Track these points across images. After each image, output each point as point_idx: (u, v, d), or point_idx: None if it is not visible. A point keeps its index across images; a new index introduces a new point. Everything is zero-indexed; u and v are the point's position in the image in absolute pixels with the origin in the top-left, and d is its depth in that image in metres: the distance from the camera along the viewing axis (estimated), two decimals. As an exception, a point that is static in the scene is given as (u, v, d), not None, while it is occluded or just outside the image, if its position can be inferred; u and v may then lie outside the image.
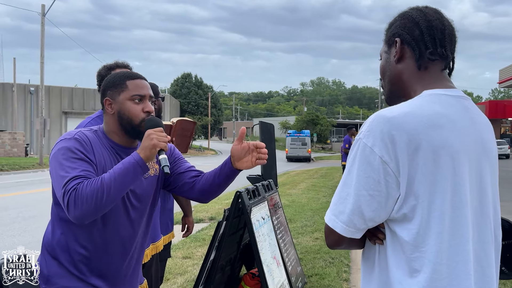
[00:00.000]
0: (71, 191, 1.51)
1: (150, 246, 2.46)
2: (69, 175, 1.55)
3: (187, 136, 2.41)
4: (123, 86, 1.73)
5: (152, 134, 1.63)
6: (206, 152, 42.91)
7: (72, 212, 1.52)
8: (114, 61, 2.48)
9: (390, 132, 1.06)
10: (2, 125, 30.75)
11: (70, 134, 1.68)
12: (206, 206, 9.61)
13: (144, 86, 1.75)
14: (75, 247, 1.67)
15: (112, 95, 1.74)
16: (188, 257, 5.50)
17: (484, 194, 1.16)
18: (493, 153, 1.20)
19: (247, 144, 1.74)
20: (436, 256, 1.06)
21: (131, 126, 1.71)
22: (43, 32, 21.42)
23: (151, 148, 1.60)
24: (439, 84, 1.18)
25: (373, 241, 1.17)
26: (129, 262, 1.79)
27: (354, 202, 1.09)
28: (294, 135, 34.10)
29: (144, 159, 1.60)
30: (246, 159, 1.75)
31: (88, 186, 1.52)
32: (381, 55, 1.30)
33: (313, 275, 4.75)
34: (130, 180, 1.58)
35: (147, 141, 1.62)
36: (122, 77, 1.74)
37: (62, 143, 1.65)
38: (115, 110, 1.73)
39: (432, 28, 1.19)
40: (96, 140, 1.70)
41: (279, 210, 4.48)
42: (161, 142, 1.62)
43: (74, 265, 1.67)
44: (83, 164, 1.60)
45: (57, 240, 1.69)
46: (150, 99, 1.76)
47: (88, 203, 1.50)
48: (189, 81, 51.65)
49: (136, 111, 1.71)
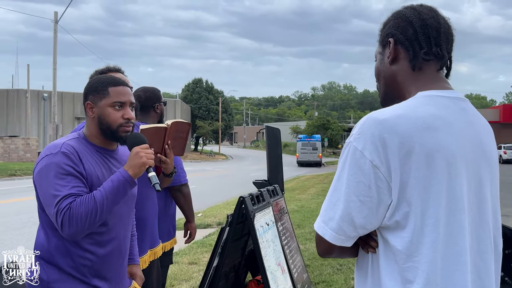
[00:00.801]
0: (65, 210, 1.55)
1: (148, 252, 2.43)
2: (60, 194, 1.58)
3: (182, 138, 2.38)
4: (105, 92, 1.76)
5: (140, 152, 1.70)
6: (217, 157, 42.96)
7: (66, 231, 1.57)
8: (106, 66, 2.46)
9: (381, 135, 1.01)
10: (16, 130, 31.19)
11: (56, 147, 1.67)
12: (214, 211, 9.59)
13: (126, 93, 1.79)
14: (78, 251, 1.68)
15: (94, 100, 1.77)
16: (194, 262, 5.47)
17: (483, 200, 1.10)
18: (492, 157, 1.14)
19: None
20: (429, 266, 1.00)
21: (110, 131, 1.76)
22: (55, 39, 21.72)
23: (140, 166, 1.69)
24: (434, 85, 1.13)
25: (365, 250, 1.11)
26: (123, 261, 1.84)
27: (344, 208, 1.04)
28: (305, 139, 33.98)
29: (132, 176, 1.67)
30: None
31: (82, 205, 1.57)
32: (376, 56, 1.25)
33: (320, 282, 4.67)
34: (120, 197, 1.65)
35: (136, 159, 1.69)
36: (105, 83, 1.78)
37: (48, 158, 1.64)
38: (95, 114, 1.77)
39: (427, 27, 1.13)
40: (81, 148, 1.72)
41: (284, 216, 4.42)
42: (150, 160, 1.71)
43: (76, 269, 1.68)
44: (72, 180, 1.62)
45: (54, 246, 1.68)
46: (131, 105, 1.81)
47: (83, 222, 1.56)
48: (200, 86, 51.88)
49: (115, 117, 1.75)
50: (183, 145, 2.41)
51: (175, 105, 40.37)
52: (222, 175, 22.10)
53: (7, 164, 21.79)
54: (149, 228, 2.44)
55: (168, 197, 2.87)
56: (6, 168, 19.52)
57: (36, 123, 32.17)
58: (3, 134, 29.24)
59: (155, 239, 2.51)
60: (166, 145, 2.28)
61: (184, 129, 2.36)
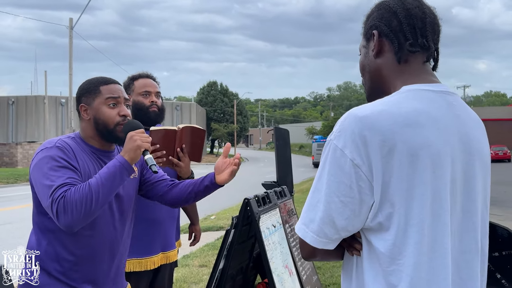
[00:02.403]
0: (59, 199, 1.51)
1: (160, 254, 2.40)
2: (55, 184, 1.54)
3: (199, 143, 2.38)
4: (97, 91, 1.74)
5: (135, 135, 1.65)
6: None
7: (62, 220, 1.52)
8: (138, 72, 2.53)
9: (361, 133, 0.96)
10: (35, 136, 31.76)
11: (50, 142, 1.68)
12: (228, 213, 9.57)
13: (118, 90, 1.76)
14: (64, 255, 1.65)
15: (87, 101, 1.75)
16: (205, 265, 5.45)
17: (471, 200, 1.04)
18: (483, 153, 1.07)
19: (228, 159, 1.87)
20: (414, 270, 0.95)
21: (107, 130, 1.72)
22: (71, 45, 22.06)
23: (135, 149, 1.63)
24: (420, 79, 1.07)
25: (350, 252, 1.06)
26: (115, 265, 1.79)
27: (324, 209, 0.99)
28: (321, 140, 33.75)
29: (129, 161, 1.62)
30: (225, 171, 1.85)
31: (76, 192, 1.52)
32: (360, 50, 1.20)
33: (331, 285, 4.61)
34: (117, 183, 1.60)
35: (130, 143, 1.64)
36: (96, 83, 1.76)
37: (43, 152, 1.64)
38: (90, 116, 1.74)
39: (411, 17, 1.08)
40: (76, 147, 1.70)
41: (293, 217, 4.37)
42: (145, 143, 1.65)
43: (64, 274, 1.66)
44: (67, 171, 1.59)
45: (44, 251, 1.67)
46: (126, 102, 1.78)
47: (78, 209, 1.50)
48: (214, 89, 52.09)
49: (111, 115, 1.72)
50: (200, 151, 2.39)
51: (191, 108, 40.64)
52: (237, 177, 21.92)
53: (25, 169, 22.19)
54: (162, 230, 2.41)
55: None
56: (25, 173, 19.87)
57: (54, 129, 32.72)
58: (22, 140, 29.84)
59: (170, 243, 2.47)
60: (179, 148, 2.26)
61: (200, 135, 2.35)
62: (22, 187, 16.83)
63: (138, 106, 2.41)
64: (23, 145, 25.85)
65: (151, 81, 2.50)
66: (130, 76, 2.52)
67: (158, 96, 2.49)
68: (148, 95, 2.43)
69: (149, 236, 2.32)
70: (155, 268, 2.35)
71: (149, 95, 2.43)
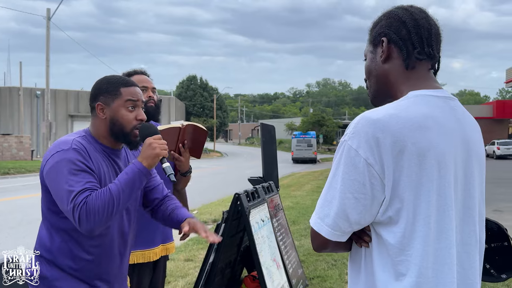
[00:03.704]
0: (82, 205, 1.54)
1: (160, 246, 2.46)
2: (75, 189, 1.57)
3: (200, 141, 2.51)
4: (117, 93, 1.74)
5: (154, 143, 1.68)
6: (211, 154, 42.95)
7: (84, 226, 1.55)
8: (132, 69, 2.56)
9: (375, 135, 1.05)
10: (9, 128, 31.00)
11: (66, 144, 1.66)
12: (210, 208, 9.61)
13: (138, 93, 1.78)
14: (79, 253, 1.68)
15: (106, 101, 1.75)
16: (190, 259, 5.50)
17: (470, 196, 1.15)
18: (480, 154, 1.19)
19: (199, 227, 1.80)
20: (421, 260, 1.04)
21: (122, 133, 1.74)
22: (48, 36, 21.59)
23: (154, 157, 1.67)
24: (425, 85, 1.16)
25: (359, 244, 1.15)
26: (123, 261, 1.84)
27: (339, 205, 1.08)
28: (300, 136, 34.00)
29: (147, 168, 1.66)
30: (184, 229, 1.84)
31: (98, 199, 1.56)
32: (366, 55, 1.28)
33: (314, 278, 4.72)
34: (136, 189, 1.65)
35: (149, 150, 1.67)
36: (116, 84, 1.76)
37: (60, 155, 1.63)
38: (107, 116, 1.74)
39: (419, 27, 1.17)
40: (90, 147, 1.71)
41: (279, 212, 4.46)
42: (163, 151, 1.69)
43: (77, 271, 1.69)
44: (86, 175, 1.61)
45: (57, 247, 1.69)
46: (142, 105, 1.80)
47: (100, 215, 1.55)
48: (194, 83, 51.78)
49: (129, 119, 1.74)
50: (201, 148, 2.53)
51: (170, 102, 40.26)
52: (217, 172, 22.12)
53: (0, 162, 21.68)
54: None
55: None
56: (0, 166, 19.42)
57: (29, 121, 31.99)
58: (-4, 132, 29.06)
59: (169, 235, 2.54)
60: (181, 143, 2.37)
61: (202, 134, 2.47)
62: (-3, 181, 16.45)
63: None
64: (-3, 137, 25.22)
65: (147, 77, 2.55)
66: (125, 73, 2.54)
67: (154, 91, 2.54)
68: (145, 91, 2.48)
69: (150, 229, 2.38)
70: (154, 260, 2.41)
71: (146, 91, 2.49)
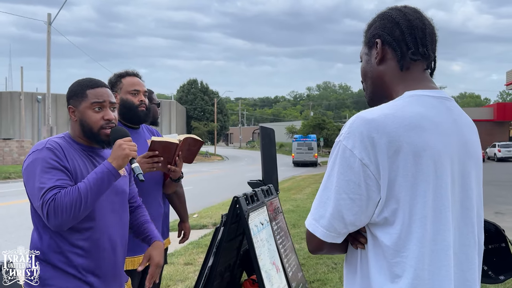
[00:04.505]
0: (50, 201, 1.60)
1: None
2: (45, 186, 1.63)
3: (194, 151, 2.54)
4: (84, 95, 1.80)
5: (123, 144, 1.75)
6: (212, 157, 42.95)
7: (52, 221, 1.61)
8: (124, 70, 2.55)
9: (370, 135, 1.04)
10: (10, 133, 31.03)
11: (41, 144, 1.75)
12: (210, 212, 9.59)
13: (104, 93, 1.83)
14: (66, 246, 1.72)
15: (74, 104, 1.82)
16: (190, 263, 5.48)
17: (468, 197, 1.13)
18: (477, 155, 1.17)
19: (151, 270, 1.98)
20: (417, 261, 1.03)
21: (91, 133, 1.80)
22: (49, 41, 21.64)
23: (124, 158, 1.73)
24: (421, 85, 1.15)
25: (355, 245, 1.14)
26: (116, 257, 1.86)
27: (334, 206, 1.07)
28: (301, 139, 33.97)
29: (116, 168, 1.72)
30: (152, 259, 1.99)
31: (66, 196, 1.61)
32: (361, 57, 1.27)
33: (315, 281, 4.70)
34: (104, 188, 1.69)
35: (119, 151, 1.73)
36: (83, 86, 1.82)
37: (34, 154, 1.71)
38: (77, 118, 1.82)
39: (413, 27, 1.16)
40: (66, 146, 1.78)
41: (279, 215, 4.44)
42: (132, 152, 1.75)
43: (69, 265, 1.72)
44: (57, 173, 1.67)
45: (47, 245, 1.73)
46: (111, 105, 1.84)
47: (67, 212, 1.60)
48: (195, 87, 51.83)
49: (95, 119, 1.79)
50: (194, 156, 2.57)
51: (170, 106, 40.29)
52: (218, 175, 22.10)
53: (1, 167, 21.69)
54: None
55: (162, 197, 2.88)
56: (0, 171, 19.43)
57: (30, 126, 32.01)
58: (-3, 137, 29.07)
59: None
60: (177, 156, 2.39)
61: (197, 145, 2.49)
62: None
63: (127, 104, 2.45)
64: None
65: (139, 80, 2.54)
66: (117, 74, 2.53)
67: (146, 95, 2.53)
68: (137, 94, 2.47)
69: None
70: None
71: (138, 94, 2.48)
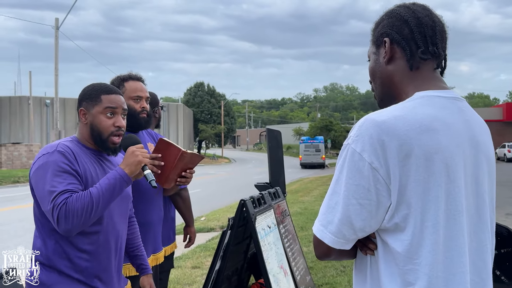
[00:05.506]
0: (61, 205, 1.58)
1: (151, 257, 2.43)
2: (56, 190, 1.61)
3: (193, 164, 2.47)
4: (98, 99, 1.80)
5: (136, 151, 1.76)
6: (220, 160, 42.97)
7: (62, 226, 1.58)
8: (128, 73, 2.53)
9: (380, 137, 1.00)
10: (19, 137, 31.27)
11: (51, 147, 1.73)
12: (218, 214, 9.57)
13: (118, 100, 1.83)
14: (73, 251, 1.70)
15: (87, 107, 1.82)
16: (198, 266, 5.45)
17: (482, 200, 1.09)
18: (490, 156, 1.13)
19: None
20: (431, 269, 0.99)
21: (100, 139, 1.80)
22: (57, 46, 21.80)
23: (136, 164, 1.74)
24: (431, 85, 1.11)
25: (364, 252, 1.10)
26: (117, 260, 1.86)
27: (343, 211, 1.03)
28: (308, 141, 33.88)
29: (129, 174, 1.71)
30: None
31: (78, 200, 1.59)
32: (369, 57, 1.23)
33: (323, 285, 4.65)
34: (116, 194, 1.68)
35: (132, 157, 1.74)
36: (98, 91, 1.82)
37: (45, 157, 1.69)
38: (88, 121, 1.81)
39: (422, 25, 1.11)
40: (76, 149, 1.76)
41: (286, 218, 4.40)
42: (145, 158, 1.76)
43: (75, 269, 1.71)
44: (68, 177, 1.65)
45: (52, 250, 1.70)
46: (123, 112, 1.85)
47: (79, 217, 1.58)
48: (202, 90, 51.92)
49: (106, 125, 1.79)
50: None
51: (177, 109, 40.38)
52: (225, 178, 22.09)
53: (10, 171, 21.85)
54: (152, 233, 2.45)
55: (168, 202, 2.86)
56: (9, 175, 19.57)
57: (39, 130, 32.25)
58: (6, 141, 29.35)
59: (158, 244, 2.52)
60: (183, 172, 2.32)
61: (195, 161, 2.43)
62: (7, 189, 16.57)
63: (128, 111, 2.42)
64: (7, 146, 25.43)
65: (142, 85, 2.51)
66: (120, 77, 2.50)
67: (147, 101, 2.51)
68: (139, 100, 2.45)
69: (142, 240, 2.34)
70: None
71: (140, 100, 2.45)
